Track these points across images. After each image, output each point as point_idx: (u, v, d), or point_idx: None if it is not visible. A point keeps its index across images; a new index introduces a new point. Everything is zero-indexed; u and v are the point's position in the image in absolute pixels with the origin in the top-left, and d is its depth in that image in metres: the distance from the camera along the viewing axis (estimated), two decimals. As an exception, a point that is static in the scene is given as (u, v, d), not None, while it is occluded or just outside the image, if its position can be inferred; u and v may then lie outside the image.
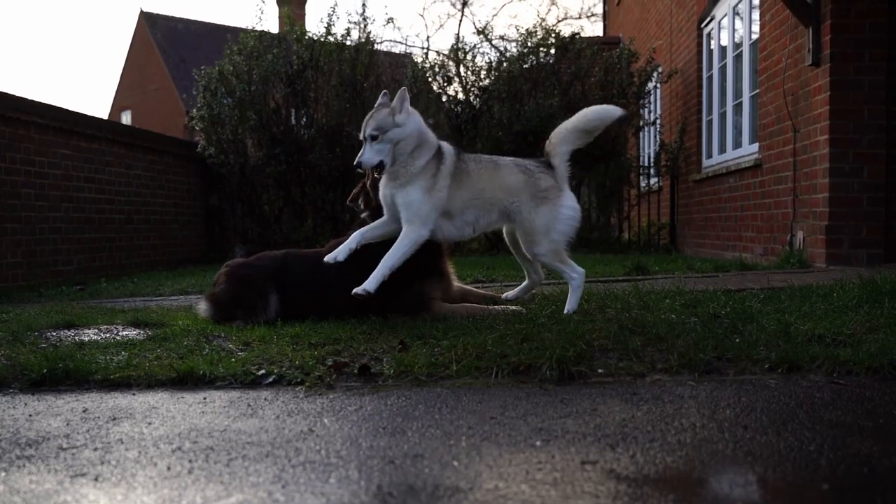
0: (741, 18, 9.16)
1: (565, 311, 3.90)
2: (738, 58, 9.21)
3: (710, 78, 10.34)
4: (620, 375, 2.87)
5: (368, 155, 3.92)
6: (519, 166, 4.24)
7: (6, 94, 7.33)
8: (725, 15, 9.64)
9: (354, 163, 3.97)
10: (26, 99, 7.64)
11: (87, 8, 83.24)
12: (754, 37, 8.46)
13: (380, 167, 3.95)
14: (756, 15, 8.38)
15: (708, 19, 10.31)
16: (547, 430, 2.21)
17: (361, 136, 4.00)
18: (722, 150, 9.72)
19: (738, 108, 9.19)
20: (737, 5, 9.20)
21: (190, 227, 11.34)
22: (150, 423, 2.43)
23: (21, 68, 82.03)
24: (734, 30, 9.44)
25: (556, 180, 4.22)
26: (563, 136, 4.28)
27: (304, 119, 11.31)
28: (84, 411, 2.63)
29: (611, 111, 4.23)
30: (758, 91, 8.19)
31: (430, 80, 11.92)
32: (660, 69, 12.13)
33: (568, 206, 4.20)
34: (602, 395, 2.60)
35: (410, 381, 2.89)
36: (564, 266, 4.11)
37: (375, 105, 4.10)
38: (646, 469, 1.86)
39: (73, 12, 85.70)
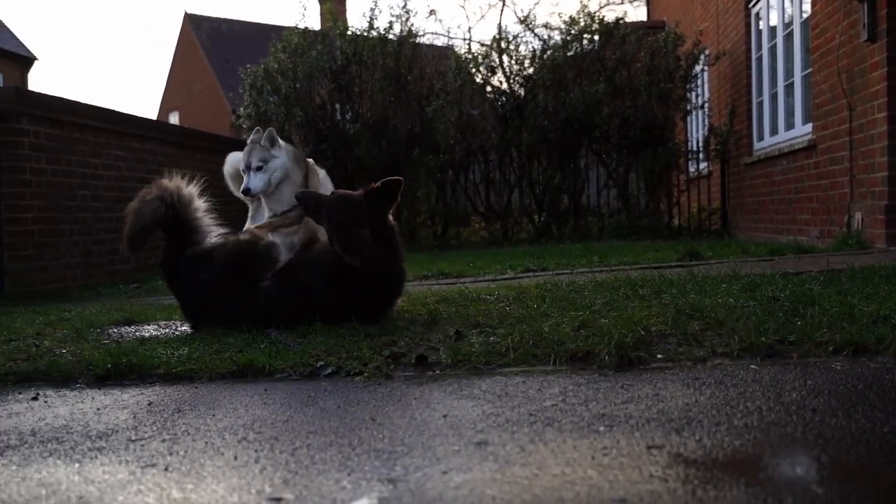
0: (791, -3, 8.98)
1: None
2: (788, 37, 9.03)
3: (759, 59, 10.15)
4: (680, 360, 2.84)
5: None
6: None
7: (61, 98, 7.49)
8: (774, -6, 9.46)
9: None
10: (80, 102, 7.80)
11: (134, 12, 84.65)
12: (805, 15, 8.28)
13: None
14: (807, -8, 8.20)
15: (756, -1, 10.13)
16: (609, 415, 2.19)
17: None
18: (773, 131, 9.55)
19: (789, 88, 9.01)
20: (786, -17, 9.02)
21: (240, 224, 11.46)
22: (214, 415, 2.46)
23: (72, 73, 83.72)
24: (784, 8, 9.25)
25: None
26: None
27: (350, 114, 11.39)
28: (149, 404, 2.68)
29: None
30: (810, 70, 8.03)
31: (473, 71, 11.90)
32: (707, 52, 11.95)
33: None
34: (663, 381, 2.57)
35: (468, 369, 2.89)
36: None
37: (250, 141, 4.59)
38: (714, 453, 1.84)
39: (120, 17, 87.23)
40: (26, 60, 32.20)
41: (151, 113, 44.07)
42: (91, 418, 2.51)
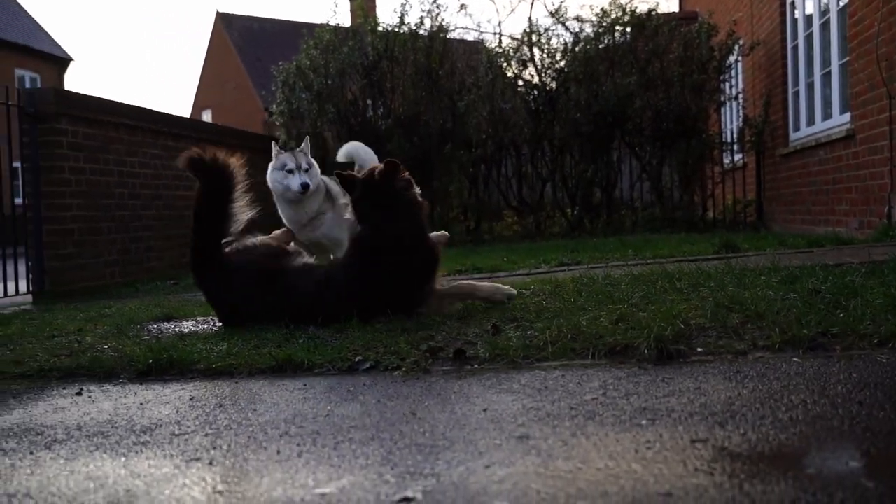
0: (827, -15, 8.83)
1: None
2: (824, 25, 8.89)
3: (794, 48, 10.00)
4: (721, 353, 2.81)
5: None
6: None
7: (98, 98, 7.58)
8: (810, -18, 9.31)
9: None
10: (116, 102, 7.89)
11: (167, 12, 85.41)
12: (843, 3, 8.15)
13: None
14: (844, -20, 8.07)
15: (791, -13, 9.98)
16: (651, 409, 2.18)
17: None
18: (810, 122, 9.41)
19: (826, 77, 8.87)
20: (822, -29, 8.88)
21: (274, 220, 11.53)
22: (255, 410, 2.48)
23: (107, 73, 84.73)
24: (820, -3, 9.11)
25: None
26: None
27: (381, 109, 11.41)
28: (191, 399, 2.70)
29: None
30: (847, 59, 7.89)
31: (504, 65, 11.86)
32: (741, 42, 11.80)
33: None
34: (704, 374, 2.55)
35: (506, 363, 2.88)
36: None
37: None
38: (759, 447, 1.82)
39: (153, 17, 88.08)
40: (63, 61, 32.67)
41: (184, 111, 44.47)
42: (134, 413, 2.55)
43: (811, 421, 1.99)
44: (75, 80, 44.41)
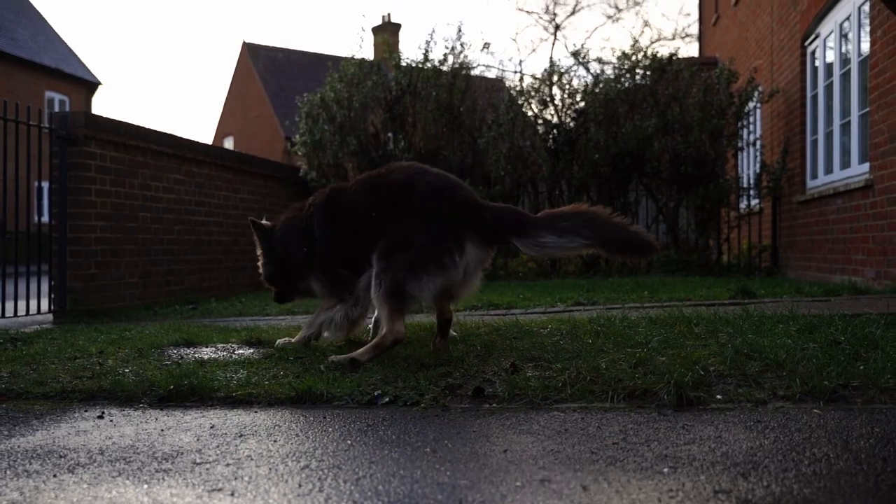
0: (848, 36, 8.86)
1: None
2: (845, 76, 8.91)
3: (814, 97, 10.02)
4: (740, 402, 2.78)
5: None
6: None
7: (126, 122, 7.67)
8: (831, 32, 9.34)
9: None
10: (144, 127, 7.98)
11: (194, 41, 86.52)
12: (864, 54, 8.17)
13: None
14: (866, 31, 8.09)
15: (812, 37, 10.01)
16: (672, 456, 2.16)
17: None
18: (828, 170, 9.39)
19: (845, 127, 8.87)
20: (844, 22, 8.91)
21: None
22: (275, 441, 2.47)
23: (132, 97, 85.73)
24: (841, 48, 9.13)
25: None
26: None
27: (402, 143, 11.46)
28: (211, 427, 2.70)
29: None
30: (867, 110, 7.89)
31: (524, 103, 11.92)
32: (760, 89, 11.82)
33: None
34: (724, 423, 2.53)
35: (524, 403, 2.87)
36: None
37: None
38: (783, 500, 1.79)
39: (180, 44, 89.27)
40: (91, 85, 33.08)
41: (207, 137, 44.87)
42: (156, 439, 2.54)
43: (835, 476, 1.96)
44: (102, 104, 44.98)
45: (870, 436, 2.32)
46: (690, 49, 33.11)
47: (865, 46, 8.10)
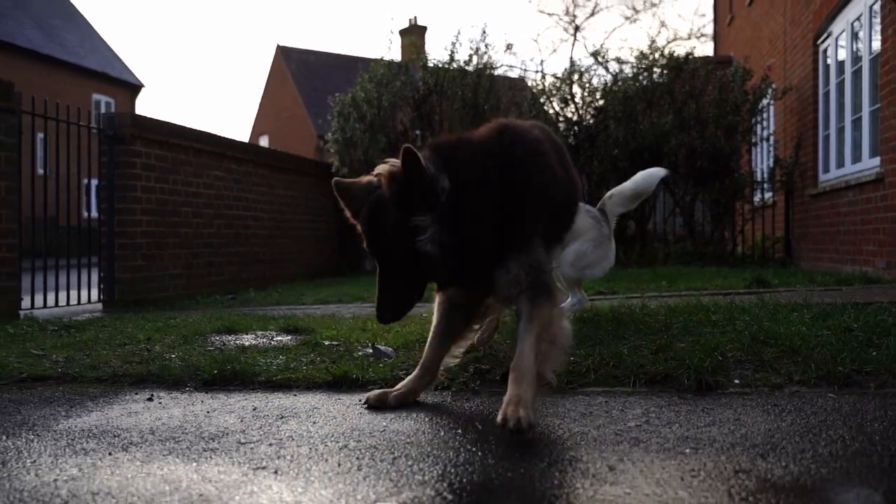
0: (858, 35, 8.73)
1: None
2: (856, 73, 8.78)
3: (826, 94, 9.88)
4: (758, 386, 2.77)
5: None
6: None
7: (169, 123, 7.74)
8: (843, 31, 9.21)
9: None
10: (185, 127, 8.05)
11: (231, 44, 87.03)
12: (875, 52, 8.04)
13: None
14: (876, 30, 7.97)
15: (824, 36, 9.88)
16: (694, 438, 2.15)
17: None
18: (840, 164, 9.27)
19: (856, 122, 8.74)
20: (855, 21, 8.78)
21: (325, 242, 11.65)
22: (314, 422, 2.49)
23: (173, 98, 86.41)
24: (852, 45, 9.00)
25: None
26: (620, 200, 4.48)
27: (430, 140, 11.46)
28: (254, 409, 2.73)
29: (655, 174, 4.52)
30: (878, 106, 7.78)
31: (545, 102, 11.87)
32: (773, 86, 11.68)
33: None
34: (743, 406, 2.51)
35: (551, 388, 2.87)
36: None
37: None
38: (802, 480, 1.78)
39: (218, 48, 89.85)
40: (135, 87, 33.36)
41: (244, 136, 45.13)
42: (202, 420, 2.57)
43: (851, 457, 1.95)
44: (145, 105, 45.36)
45: (883, 419, 2.30)
46: (706, 48, 32.80)
47: (876, 45, 7.98)
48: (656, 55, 11.36)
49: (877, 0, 7.89)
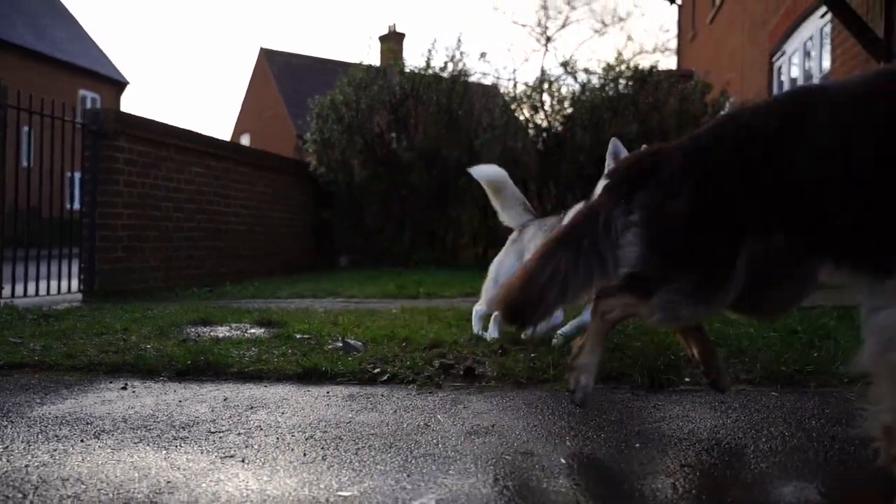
0: (811, 54, 8.86)
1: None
2: (808, 89, 8.90)
3: (780, 108, 10.02)
4: (706, 385, 2.79)
5: None
6: None
7: (151, 119, 7.65)
8: (796, 50, 9.34)
9: None
10: (168, 124, 7.95)
11: (216, 46, 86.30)
12: (825, 70, 8.17)
13: None
14: (826, 50, 8.09)
15: (779, 54, 10.02)
16: (644, 433, 2.17)
17: None
18: (791, 175, 9.41)
19: (808, 136, 8.87)
20: (807, 41, 8.90)
21: (302, 238, 11.58)
22: (283, 413, 2.48)
23: (157, 96, 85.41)
24: (804, 64, 9.13)
25: None
26: None
27: (405, 143, 11.43)
28: (225, 399, 2.70)
29: None
30: (828, 121, 7.90)
31: (517, 108, 11.91)
32: (731, 100, 11.82)
33: None
34: (692, 403, 2.54)
35: (512, 383, 2.88)
36: None
37: None
38: (742, 475, 1.81)
39: (203, 49, 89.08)
40: (120, 84, 32.97)
41: (226, 134, 44.73)
42: (174, 409, 2.55)
43: (790, 452, 1.98)
44: (130, 102, 44.82)
45: (821, 416, 2.33)
46: (669, 62, 33.04)
47: (826, 64, 8.10)
48: (622, 67, 11.44)
49: (827, 22, 8.01)
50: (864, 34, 6.42)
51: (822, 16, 8.06)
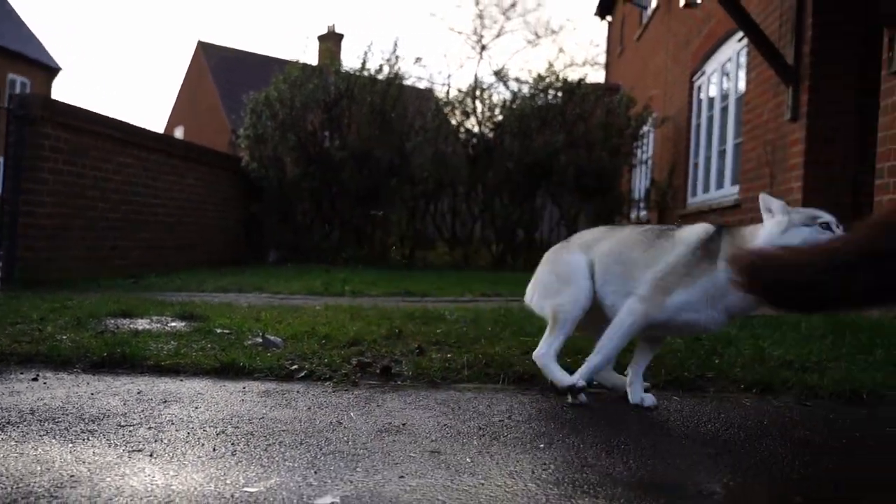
0: (729, 75, 9.16)
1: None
2: (724, 110, 9.21)
3: (698, 126, 10.33)
4: (616, 389, 2.85)
5: None
6: None
7: (80, 108, 7.39)
8: (715, 71, 9.65)
9: None
10: (97, 113, 7.70)
11: (152, 36, 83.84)
12: (740, 92, 8.46)
13: None
14: (742, 72, 8.38)
15: (699, 74, 10.32)
16: (549, 434, 2.20)
17: None
18: (706, 189, 9.70)
19: (722, 153, 9.17)
20: (725, 63, 9.20)
21: (231, 233, 11.36)
22: (196, 408, 2.43)
23: (91, 84, 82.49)
24: (722, 85, 9.43)
25: None
26: None
27: (338, 142, 11.35)
28: (139, 393, 2.63)
29: None
30: (741, 140, 8.18)
31: (449, 113, 11.95)
32: (654, 115, 12.13)
33: None
34: (598, 406, 2.59)
35: (427, 383, 2.88)
36: None
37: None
38: (639, 473, 1.85)
39: (139, 39, 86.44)
40: (52, 70, 31.74)
41: (159, 125, 43.56)
42: (85, 402, 2.47)
43: (685, 454, 2.04)
44: (62, 88, 43.18)
45: (716, 420, 2.41)
46: (598, 76, 33.67)
47: (742, 85, 8.39)
48: (552, 78, 11.61)
49: (744, 46, 8.29)
50: (775, 59, 6.68)
51: (740, 40, 8.35)
